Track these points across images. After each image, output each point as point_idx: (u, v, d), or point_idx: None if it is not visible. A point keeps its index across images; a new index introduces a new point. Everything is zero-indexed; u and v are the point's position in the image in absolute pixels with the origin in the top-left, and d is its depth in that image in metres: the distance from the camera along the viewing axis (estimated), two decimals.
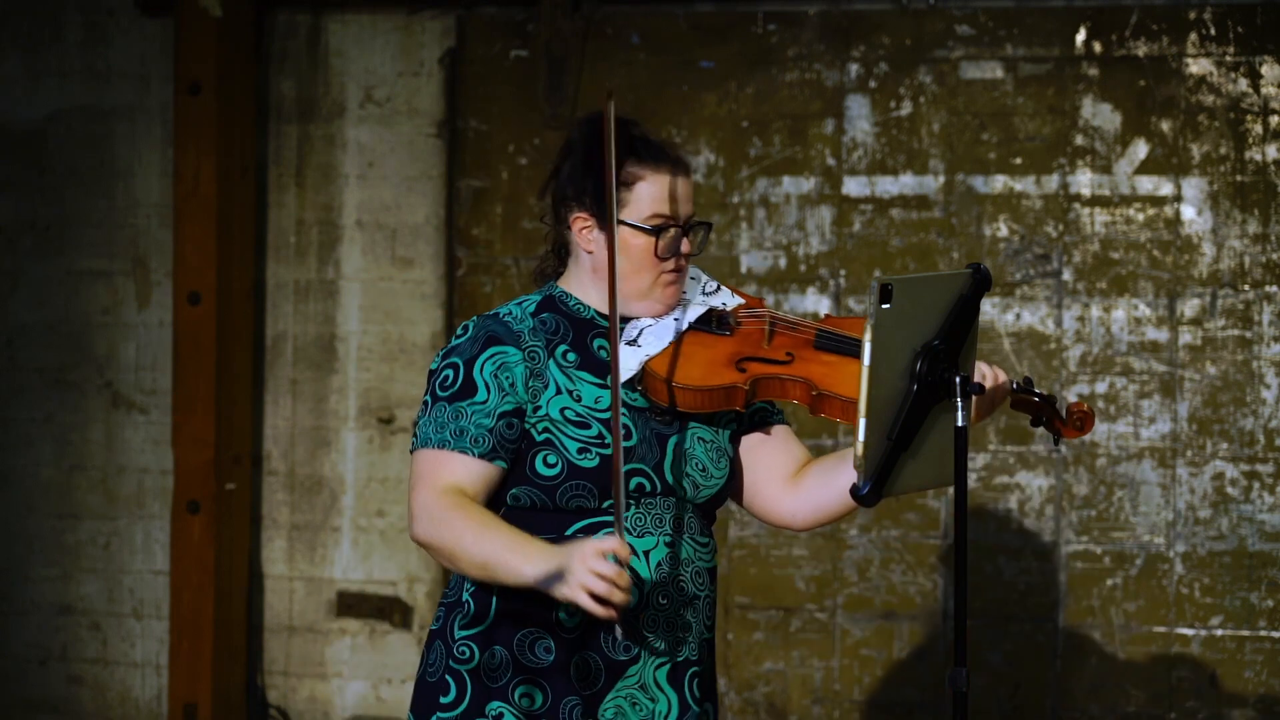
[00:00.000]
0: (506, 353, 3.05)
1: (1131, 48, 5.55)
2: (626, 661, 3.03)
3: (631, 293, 3.09)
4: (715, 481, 3.10)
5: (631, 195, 3.07)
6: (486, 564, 2.92)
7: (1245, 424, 5.48)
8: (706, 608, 3.12)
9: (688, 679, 3.08)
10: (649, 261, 3.08)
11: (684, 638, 3.07)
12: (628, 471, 3.02)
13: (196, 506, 5.78)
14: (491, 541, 2.93)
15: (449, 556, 2.96)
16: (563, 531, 3.01)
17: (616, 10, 5.76)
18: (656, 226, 3.07)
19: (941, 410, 2.95)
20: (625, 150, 3.07)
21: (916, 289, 2.92)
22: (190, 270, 5.79)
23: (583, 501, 3.01)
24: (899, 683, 5.61)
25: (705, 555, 3.11)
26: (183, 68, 5.79)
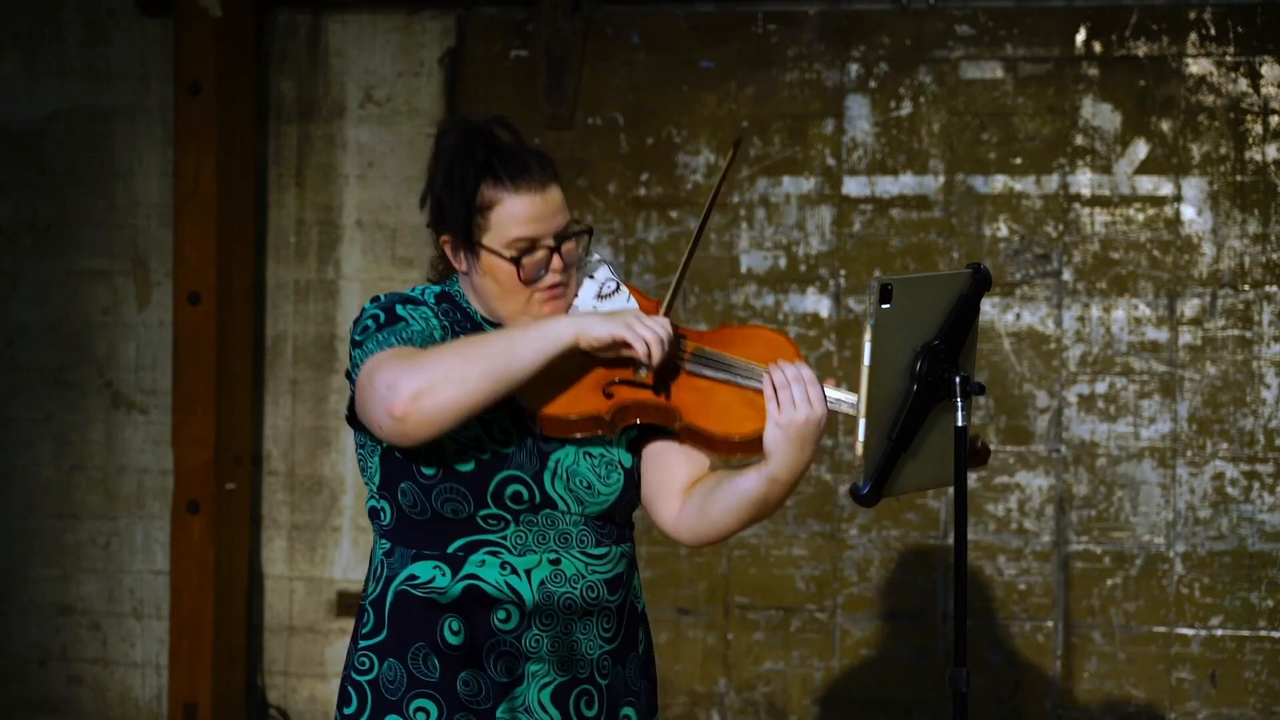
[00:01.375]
0: (424, 311, 2.99)
1: (1131, 48, 5.55)
2: (510, 683, 2.96)
3: (505, 314, 3.00)
4: (604, 498, 3.00)
5: (490, 220, 2.95)
6: (508, 347, 2.81)
7: (1245, 424, 5.48)
8: (603, 620, 3.04)
9: (575, 698, 3.00)
10: (516, 286, 2.96)
11: (571, 656, 2.99)
12: (504, 478, 2.94)
13: (196, 506, 5.78)
14: (497, 337, 2.84)
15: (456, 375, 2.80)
16: (444, 549, 2.96)
17: (616, 10, 5.76)
18: (519, 251, 2.95)
19: (941, 410, 2.95)
20: (480, 170, 2.95)
21: (916, 289, 2.92)
22: (190, 270, 5.79)
23: (456, 505, 2.94)
24: (899, 683, 5.61)
25: (601, 567, 3.02)
26: (183, 68, 5.79)
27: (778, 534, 5.66)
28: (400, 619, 2.99)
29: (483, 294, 3.01)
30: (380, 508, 3.04)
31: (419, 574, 2.98)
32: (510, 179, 2.95)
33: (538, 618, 2.96)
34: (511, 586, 2.94)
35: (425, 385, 2.79)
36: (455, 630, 2.95)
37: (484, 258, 2.96)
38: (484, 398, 2.81)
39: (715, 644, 5.71)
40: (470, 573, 2.95)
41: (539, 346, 2.81)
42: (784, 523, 5.66)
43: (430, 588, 2.97)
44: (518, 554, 2.96)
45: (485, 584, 2.95)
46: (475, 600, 2.95)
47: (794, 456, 2.91)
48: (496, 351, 2.80)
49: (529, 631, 2.96)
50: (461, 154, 2.97)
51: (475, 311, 3.05)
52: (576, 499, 2.98)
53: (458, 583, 2.95)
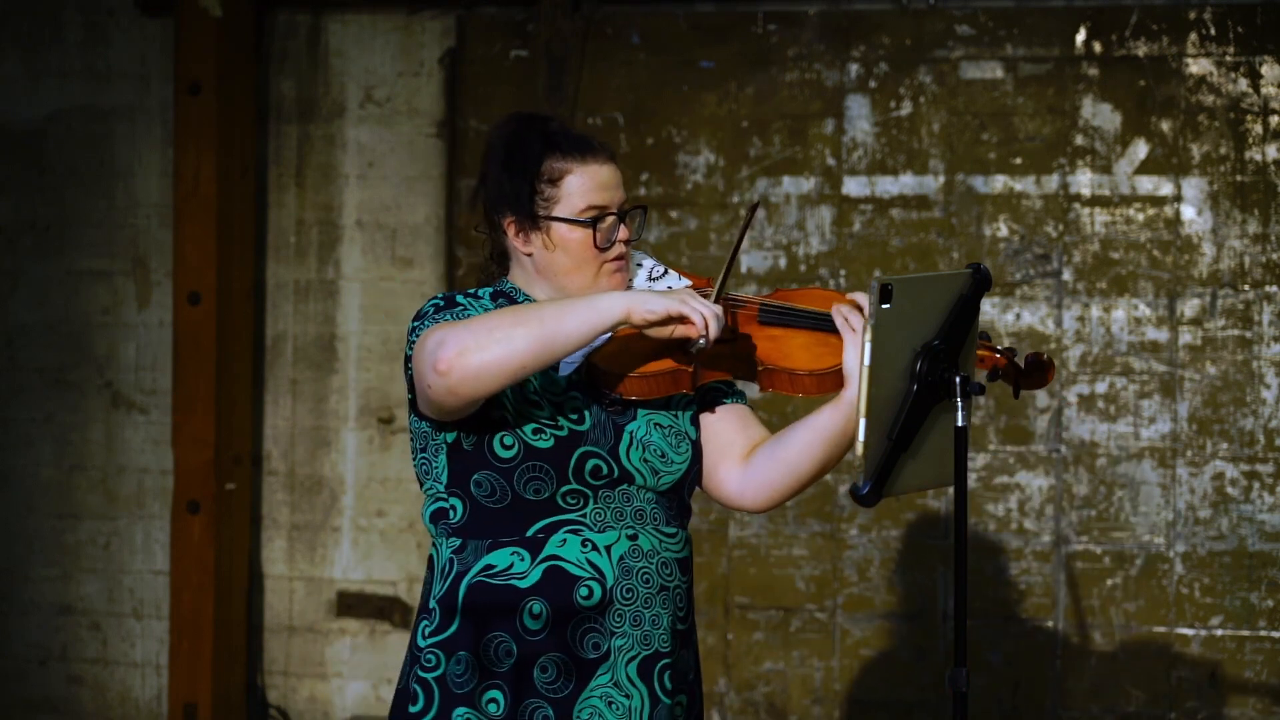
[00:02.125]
0: (482, 304, 3.07)
1: (1131, 48, 5.55)
2: (597, 660, 3.01)
3: (576, 287, 3.07)
4: (677, 467, 3.08)
5: (560, 191, 3.04)
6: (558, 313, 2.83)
7: (1245, 424, 5.48)
8: (677, 598, 3.08)
9: (657, 671, 3.05)
10: (589, 254, 3.05)
11: (652, 631, 3.04)
12: (582, 454, 3.00)
13: (196, 506, 5.78)
14: (548, 305, 2.88)
15: (502, 334, 2.83)
16: (524, 533, 3.00)
17: (616, 10, 5.77)
18: (592, 218, 3.03)
19: (941, 410, 2.96)
20: (544, 146, 3.05)
21: (916, 289, 2.92)
22: (190, 270, 5.80)
23: (539, 485, 2.98)
24: (899, 683, 5.61)
25: (673, 545, 3.09)
26: (183, 68, 5.80)
27: (778, 534, 5.66)
28: (475, 611, 3.01)
29: (549, 271, 3.07)
30: (448, 506, 3.06)
31: (496, 563, 3.01)
32: (576, 150, 3.05)
33: (619, 592, 3.01)
34: (593, 563, 2.99)
35: (472, 342, 2.83)
36: (536, 614, 2.98)
37: (554, 230, 3.04)
38: (529, 361, 2.84)
39: (715, 644, 5.71)
40: (551, 553, 2.99)
41: (588, 317, 2.84)
42: (784, 523, 5.67)
43: (509, 575, 3.00)
44: (597, 530, 3.02)
45: (567, 563, 2.99)
46: (557, 580, 2.99)
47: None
48: (546, 316, 2.84)
49: (611, 607, 3.00)
50: (522, 137, 3.07)
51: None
52: (652, 470, 3.05)
53: (538, 565, 2.99)
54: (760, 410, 5.65)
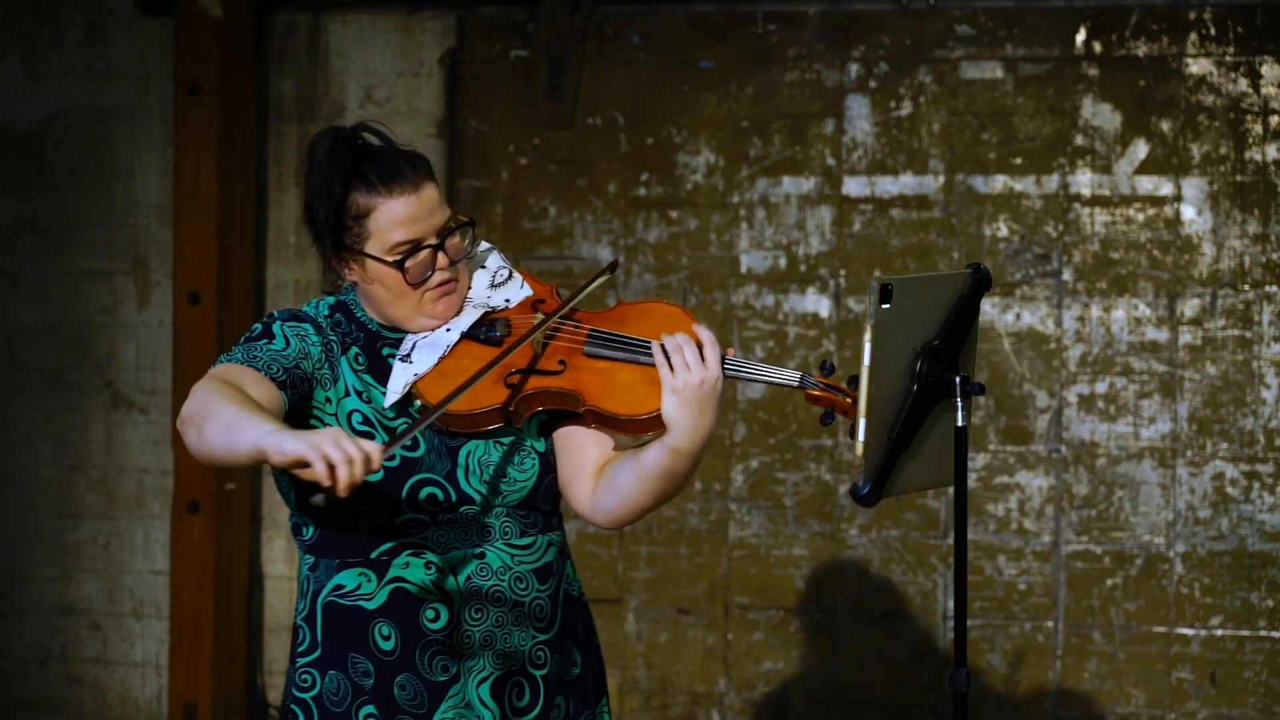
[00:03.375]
0: (305, 329, 2.97)
1: (1131, 48, 5.55)
2: (446, 682, 2.95)
3: (400, 316, 2.98)
4: (521, 485, 2.98)
5: (368, 227, 2.92)
6: (232, 427, 2.70)
7: (1245, 424, 5.48)
8: (535, 611, 3.00)
9: (509, 690, 2.99)
10: (404, 290, 2.94)
11: (505, 649, 2.97)
12: (416, 482, 2.91)
13: (196, 506, 5.78)
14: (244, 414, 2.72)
15: (197, 427, 2.74)
16: (368, 555, 2.95)
17: (616, 10, 5.76)
18: (402, 255, 2.92)
19: (941, 410, 2.95)
20: (350, 178, 2.92)
21: (916, 289, 2.92)
22: (190, 270, 5.79)
23: (373, 515, 2.92)
24: (899, 683, 5.61)
25: (528, 557, 2.99)
26: (183, 68, 5.79)
27: (778, 534, 5.66)
28: (332, 631, 2.97)
29: (374, 301, 3.00)
30: (301, 523, 3.05)
31: (345, 583, 2.97)
32: (382, 183, 2.92)
33: (467, 613, 2.94)
34: (438, 585, 2.93)
35: (187, 416, 2.78)
36: (385, 635, 2.94)
37: (369, 265, 2.94)
38: (211, 457, 2.76)
39: (715, 644, 5.71)
40: (395, 575, 2.94)
41: (240, 443, 2.68)
42: (784, 523, 5.66)
43: (357, 595, 2.96)
44: (441, 552, 2.94)
45: (411, 584, 2.93)
46: (403, 602, 2.93)
47: (692, 422, 2.84)
48: (226, 424, 2.71)
49: (459, 628, 2.94)
50: (329, 164, 2.94)
51: (370, 319, 3.03)
52: (494, 490, 2.95)
53: (384, 587, 2.94)
54: (760, 410, 5.65)
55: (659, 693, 5.74)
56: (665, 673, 5.73)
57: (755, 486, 5.66)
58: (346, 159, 2.94)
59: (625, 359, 2.92)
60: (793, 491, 5.66)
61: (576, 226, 5.78)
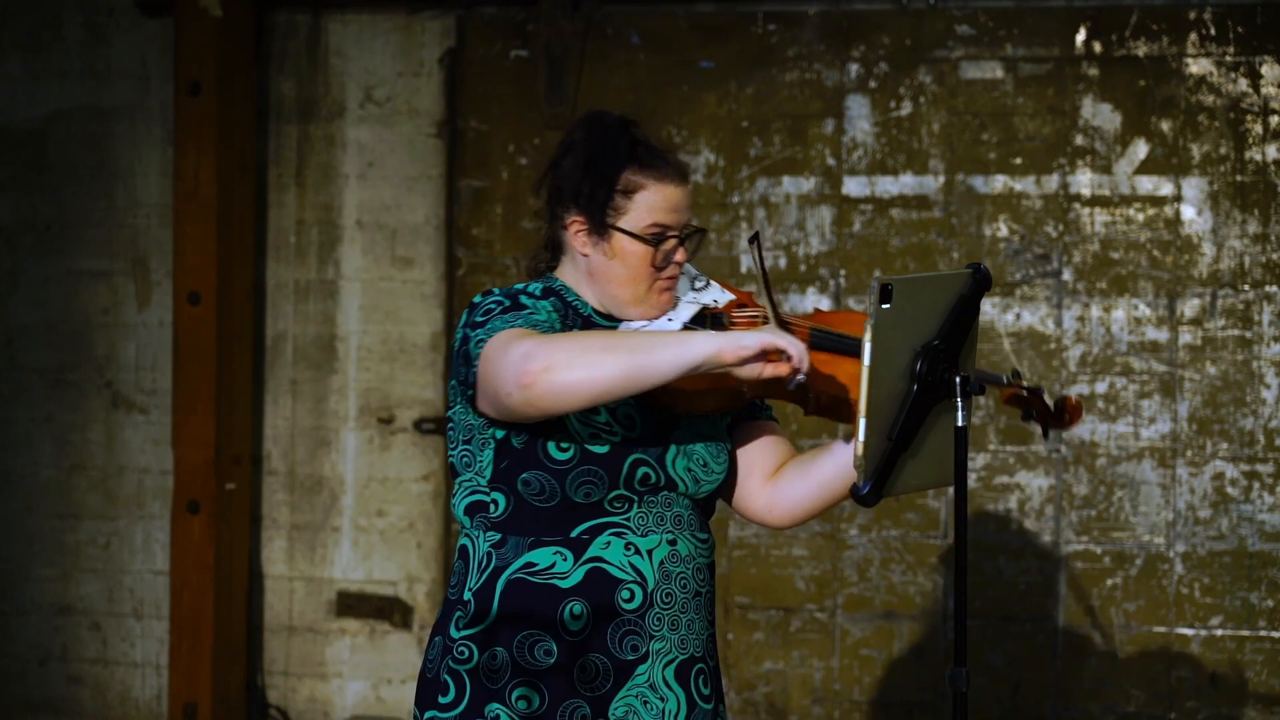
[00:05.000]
0: (543, 304, 3.08)
1: (1131, 48, 5.55)
2: (635, 661, 3.03)
3: (626, 298, 3.11)
4: (715, 476, 3.11)
5: (632, 203, 3.08)
6: (648, 346, 2.83)
7: (1245, 424, 5.48)
8: (708, 604, 3.13)
9: (694, 676, 3.09)
10: (645, 270, 3.10)
11: (688, 635, 3.08)
12: (633, 461, 3.02)
13: (196, 506, 5.78)
14: (640, 335, 2.90)
15: (590, 359, 2.83)
16: (568, 533, 3.01)
17: (616, 10, 5.77)
18: (655, 236, 3.08)
19: (941, 410, 2.95)
20: (627, 156, 3.08)
21: (916, 289, 2.92)
22: (190, 270, 5.80)
23: (590, 489, 3.00)
24: (899, 683, 5.61)
25: (705, 551, 3.13)
26: (183, 68, 5.80)
27: (778, 534, 5.66)
28: (512, 607, 3.02)
29: (603, 277, 3.10)
30: (489, 500, 3.06)
31: (538, 561, 3.02)
32: (655, 168, 3.09)
33: (659, 596, 3.04)
34: (635, 566, 3.02)
35: (561, 360, 2.83)
36: (577, 614, 3.00)
37: (616, 240, 3.07)
38: (614, 388, 2.85)
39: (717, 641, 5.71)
40: (595, 555, 3.01)
41: (680, 354, 2.83)
42: None
43: (550, 573, 3.01)
44: (640, 534, 3.04)
45: (610, 565, 3.01)
46: (599, 582, 3.00)
47: None
48: (638, 347, 2.85)
49: (651, 610, 3.03)
50: (608, 141, 3.09)
51: (583, 304, 3.13)
52: (694, 478, 3.08)
53: (580, 566, 3.01)
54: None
55: None
56: None
57: None
58: (625, 140, 3.09)
59: (847, 353, 3.05)
60: None
61: None
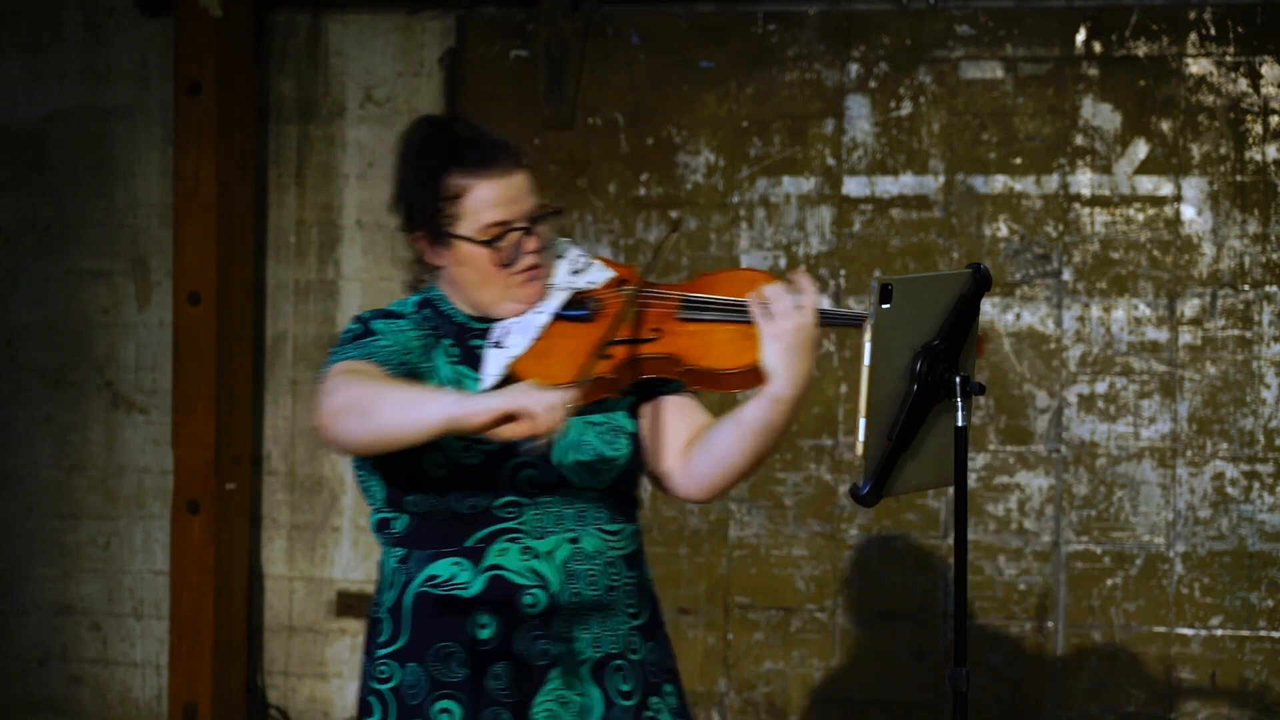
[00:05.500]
0: (401, 324, 3.02)
1: (1131, 48, 5.55)
2: (546, 665, 2.97)
3: (486, 301, 3.04)
4: (616, 465, 3.03)
5: (462, 207, 2.99)
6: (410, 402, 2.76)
7: (1245, 424, 5.48)
8: (627, 596, 3.06)
9: (610, 673, 3.03)
10: (494, 272, 3.01)
11: (603, 633, 3.02)
12: (516, 464, 2.96)
13: (196, 506, 5.78)
14: (419, 390, 2.84)
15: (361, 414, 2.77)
16: (463, 544, 2.97)
17: (616, 10, 5.76)
18: (493, 236, 2.99)
19: (941, 410, 2.95)
20: (447, 159, 3.00)
21: (916, 289, 2.92)
22: (190, 270, 5.80)
23: (474, 501, 2.96)
24: (899, 683, 5.61)
25: (618, 543, 3.05)
26: (183, 68, 5.80)
27: (778, 534, 5.66)
28: (422, 622, 2.99)
29: (462, 286, 3.05)
30: (390, 518, 3.04)
31: (439, 573, 2.98)
32: (477, 165, 3.00)
33: (565, 597, 2.98)
34: (535, 570, 2.96)
35: (342, 407, 2.80)
36: (483, 624, 2.96)
37: (459, 247, 3.00)
38: (377, 443, 2.80)
39: (715, 644, 5.71)
40: (493, 563, 2.96)
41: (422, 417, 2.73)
42: (784, 523, 5.66)
43: (452, 585, 2.97)
44: (536, 537, 2.98)
45: (509, 571, 2.96)
46: (501, 589, 2.95)
47: (793, 367, 2.94)
48: (396, 406, 2.76)
49: (558, 612, 2.97)
50: (425, 148, 3.03)
51: (457, 311, 3.07)
52: (590, 471, 3.00)
53: (480, 575, 2.96)
54: None
55: None
56: None
57: (755, 486, 5.66)
58: (444, 142, 3.02)
59: (718, 319, 3.00)
60: (793, 491, 5.66)
61: (576, 227, 5.78)
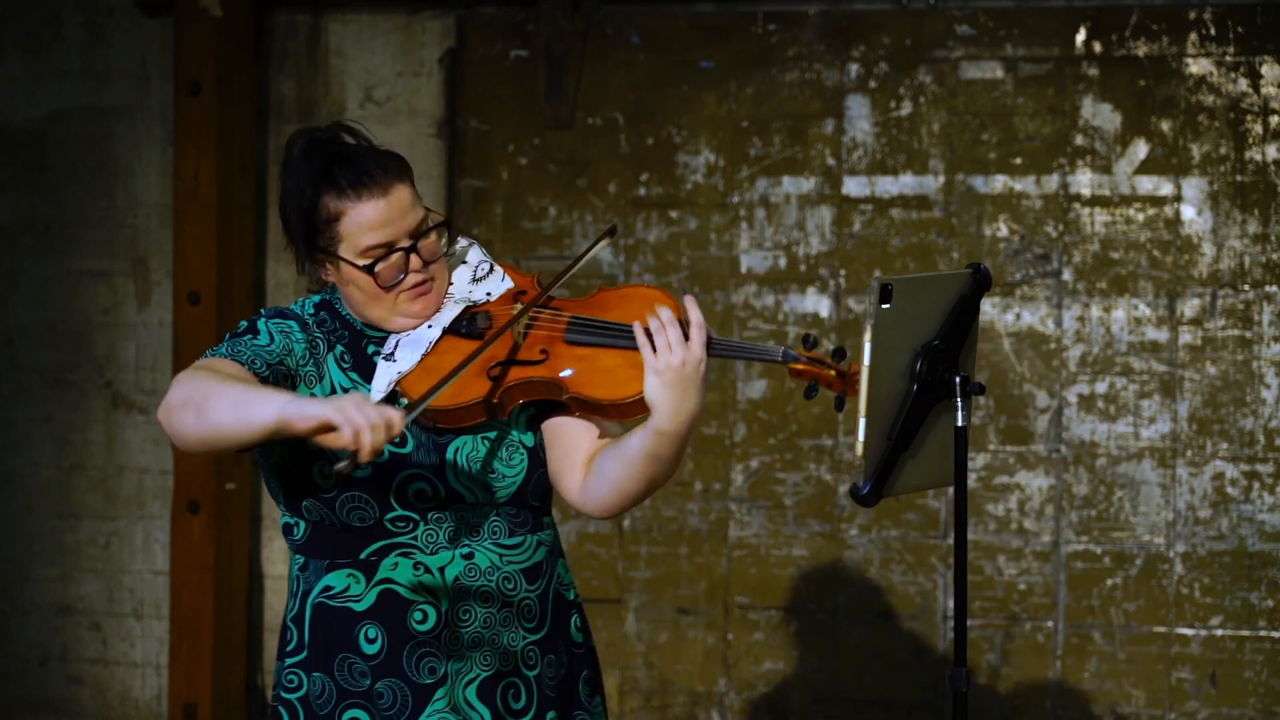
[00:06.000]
0: (290, 325, 2.95)
1: (1131, 48, 5.55)
2: (433, 685, 2.92)
3: (376, 319, 2.97)
4: (511, 480, 2.96)
5: (340, 230, 2.90)
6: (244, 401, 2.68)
7: (1245, 424, 5.48)
8: (524, 611, 2.98)
9: (501, 691, 2.96)
10: (379, 292, 2.92)
11: (492, 651, 2.95)
12: (406, 477, 2.89)
13: (196, 506, 5.78)
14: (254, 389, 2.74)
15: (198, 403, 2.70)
16: (357, 556, 2.93)
17: (616, 10, 5.76)
18: (374, 259, 2.90)
19: (941, 410, 2.96)
20: (321, 182, 2.88)
21: (916, 289, 2.92)
22: (190, 270, 5.80)
23: (362, 513, 2.90)
24: (899, 683, 5.61)
25: (517, 557, 2.97)
26: (183, 68, 5.80)
27: (778, 534, 5.66)
28: (320, 632, 2.96)
29: (352, 302, 2.98)
30: (292, 523, 3.01)
31: (334, 584, 2.96)
32: (351, 186, 2.89)
33: (455, 614, 2.92)
34: (426, 586, 2.91)
35: (178, 401, 2.74)
36: (371, 638, 2.92)
37: (342, 268, 2.92)
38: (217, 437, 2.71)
39: (715, 644, 5.71)
40: (384, 577, 2.92)
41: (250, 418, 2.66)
42: (784, 523, 5.66)
43: (345, 597, 2.94)
44: (429, 553, 2.92)
45: (400, 586, 2.92)
46: (391, 604, 2.91)
47: (675, 404, 2.80)
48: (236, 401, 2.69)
49: (447, 630, 2.92)
50: (301, 166, 2.91)
51: (354, 318, 3.00)
52: (483, 487, 2.93)
53: (372, 588, 2.92)
54: (760, 410, 5.65)
55: (659, 693, 5.74)
56: (665, 673, 5.73)
57: (755, 486, 5.66)
58: (319, 161, 2.91)
59: (606, 344, 2.89)
60: (793, 491, 5.66)
61: (576, 227, 5.78)
